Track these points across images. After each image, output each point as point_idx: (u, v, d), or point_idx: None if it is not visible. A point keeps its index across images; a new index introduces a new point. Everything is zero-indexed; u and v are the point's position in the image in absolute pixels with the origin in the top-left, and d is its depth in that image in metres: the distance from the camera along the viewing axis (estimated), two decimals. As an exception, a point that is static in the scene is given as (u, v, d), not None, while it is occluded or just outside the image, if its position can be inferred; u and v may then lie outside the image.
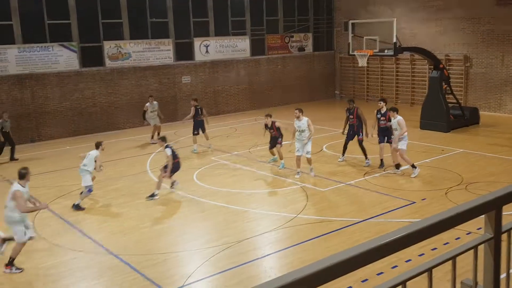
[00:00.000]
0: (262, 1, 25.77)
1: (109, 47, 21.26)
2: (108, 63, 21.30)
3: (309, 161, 13.56)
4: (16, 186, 8.67)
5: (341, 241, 9.41)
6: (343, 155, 14.94)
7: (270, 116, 14.65)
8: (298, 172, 13.63)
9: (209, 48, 23.91)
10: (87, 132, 20.69)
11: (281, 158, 14.51)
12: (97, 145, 12.25)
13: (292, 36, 26.83)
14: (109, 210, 11.80)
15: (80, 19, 20.73)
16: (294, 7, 27.07)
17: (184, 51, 23.37)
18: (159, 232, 10.33)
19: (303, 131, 13.35)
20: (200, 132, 16.82)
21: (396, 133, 13.12)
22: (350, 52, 19.65)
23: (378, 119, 13.90)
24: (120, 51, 21.50)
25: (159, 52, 22.43)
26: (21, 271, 8.71)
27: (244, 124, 21.75)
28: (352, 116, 14.37)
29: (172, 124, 22.13)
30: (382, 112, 13.85)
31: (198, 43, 23.62)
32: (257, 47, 25.68)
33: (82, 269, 8.86)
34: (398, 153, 13.19)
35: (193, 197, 12.33)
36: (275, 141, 14.58)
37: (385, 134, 13.74)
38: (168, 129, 21.06)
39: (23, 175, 8.83)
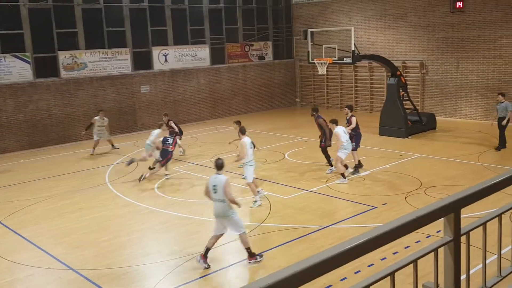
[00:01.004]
0: (221, 10, 25.80)
1: (64, 57, 20.81)
2: (64, 73, 20.84)
3: (250, 186, 11.98)
4: None
5: (305, 248, 9.42)
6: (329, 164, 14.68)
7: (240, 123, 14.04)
8: (258, 194, 12.11)
9: (168, 57, 23.72)
10: (43, 144, 20.14)
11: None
12: (160, 125, 14.92)
13: (252, 45, 26.93)
14: (66, 224, 11.46)
15: (33, 29, 20.22)
16: (253, 16, 27.21)
17: (142, 60, 23.11)
18: (119, 245, 10.10)
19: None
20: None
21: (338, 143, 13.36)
22: (310, 60, 19.85)
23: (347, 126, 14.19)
24: (75, 61, 21.07)
25: (116, 62, 22.10)
26: None
27: (206, 133, 21.63)
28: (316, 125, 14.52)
29: (131, 135, 21.85)
30: (347, 118, 14.17)
31: (156, 52, 23.41)
32: (217, 56, 25.64)
33: (40, 286, 8.56)
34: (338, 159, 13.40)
35: (154, 208, 12.13)
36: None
37: (352, 139, 13.91)
38: (127, 139, 20.76)
39: None
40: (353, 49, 18.35)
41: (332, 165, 14.35)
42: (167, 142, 14.34)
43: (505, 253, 3.10)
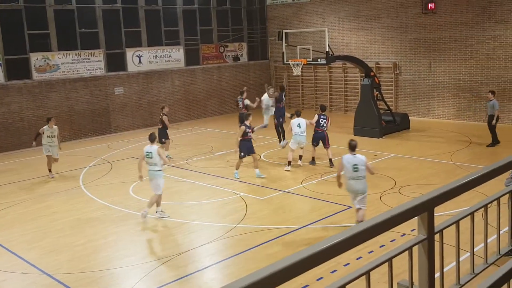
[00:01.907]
0: (195, 11, 25.70)
1: (36, 59, 20.46)
2: (36, 75, 20.49)
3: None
4: None
5: (281, 249, 9.44)
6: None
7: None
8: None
9: (142, 59, 23.53)
10: (15, 148, 19.75)
11: (237, 168, 14.36)
12: (152, 139, 11.36)
13: (227, 46, 26.90)
14: (40, 228, 11.26)
15: (4, 31, 19.83)
16: (227, 17, 27.18)
17: (116, 62, 22.87)
18: (94, 249, 9.97)
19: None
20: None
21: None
22: (285, 61, 19.92)
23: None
24: (48, 63, 20.74)
25: (89, 63, 21.83)
26: None
27: (181, 135, 21.51)
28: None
29: (105, 137, 21.63)
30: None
31: (130, 54, 23.19)
32: (191, 57, 25.54)
33: (11, 292, 8.39)
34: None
35: (129, 211, 12.01)
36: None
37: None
38: (101, 142, 20.53)
39: None
40: (327, 50, 18.48)
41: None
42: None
43: (477, 250, 3.15)
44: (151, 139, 11.28)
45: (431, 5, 21.42)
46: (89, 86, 21.85)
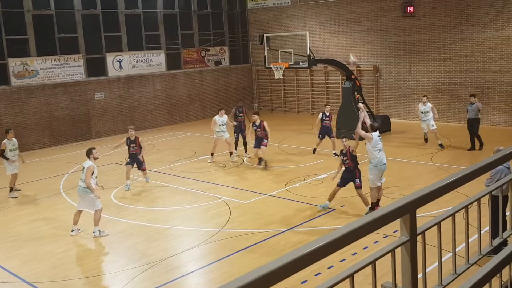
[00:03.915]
0: (176, 15, 25.63)
1: (14, 64, 20.19)
2: (14, 81, 20.22)
3: None
4: None
5: (265, 252, 9.43)
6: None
7: (258, 114, 15.46)
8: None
9: (123, 63, 23.37)
10: (-6, 154, 19.43)
11: (260, 159, 15.19)
12: (88, 154, 10.86)
13: (208, 50, 26.86)
14: (20, 236, 11.09)
15: (-18, 36, 19.57)
16: (209, 21, 27.15)
17: (96, 67, 22.68)
18: (76, 256, 9.86)
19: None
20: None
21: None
22: (266, 65, 19.96)
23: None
24: (26, 69, 20.47)
25: (69, 69, 21.60)
26: None
27: (163, 139, 21.41)
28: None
29: (86, 143, 21.40)
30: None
31: (110, 58, 23.02)
32: (173, 61, 25.44)
33: (-9, 302, 8.25)
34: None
35: (111, 217, 11.89)
36: (260, 141, 14.76)
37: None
38: (81, 148, 20.27)
39: None
40: (308, 53, 18.57)
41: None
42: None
43: (459, 250, 3.18)
44: (87, 154, 10.83)
45: (410, 9, 21.66)
46: (69, 92, 21.63)
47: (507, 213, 4.19)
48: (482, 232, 3.51)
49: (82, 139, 21.81)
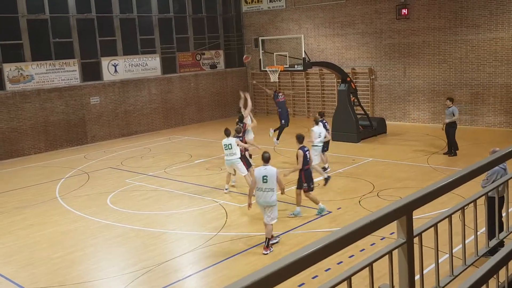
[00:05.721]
0: (171, 19, 25.63)
1: (9, 69, 20.14)
2: (9, 86, 20.16)
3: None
4: None
5: (262, 256, 9.41)
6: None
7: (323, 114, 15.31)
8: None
9: (118, 68, 23.34)
10: (-11, 160, 19.38)
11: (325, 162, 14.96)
12: (228, 134, 13.07)
13: (204, 54, 26.86)
14: (16, 241, 11.05)
15: (-24, 41, 19.51)
16: (203, 25, 27.16)
17: (91, 71, 22.63)
18: (72, 261, 9.82)
19: None
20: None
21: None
22: (262, 68, 19.97)
23: None
24: (21, 74, 20.42)
25: (64, 73, 21.56)
26: None
27: (159, 143, 21.38)
28: None
29: (81, 148, 21.38)
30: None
31: (106, 63, 22.99)
32: (168, 65, 25.43)
33: (-13, 308, 8.20)
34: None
35: (107, 222, 11.85)
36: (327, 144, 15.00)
37: None
38: (77, 152, 20.27)
39: None
40: (303, 56, 18.59)
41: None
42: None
43: (456, 252, 3.18)
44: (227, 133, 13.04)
45: (404, 11, 21.73)
46: (64, 96, 21.58)
47: (503, 214, 4.19)
48: (478, 233, 3.51)
49: (78, 143, 21.76)
